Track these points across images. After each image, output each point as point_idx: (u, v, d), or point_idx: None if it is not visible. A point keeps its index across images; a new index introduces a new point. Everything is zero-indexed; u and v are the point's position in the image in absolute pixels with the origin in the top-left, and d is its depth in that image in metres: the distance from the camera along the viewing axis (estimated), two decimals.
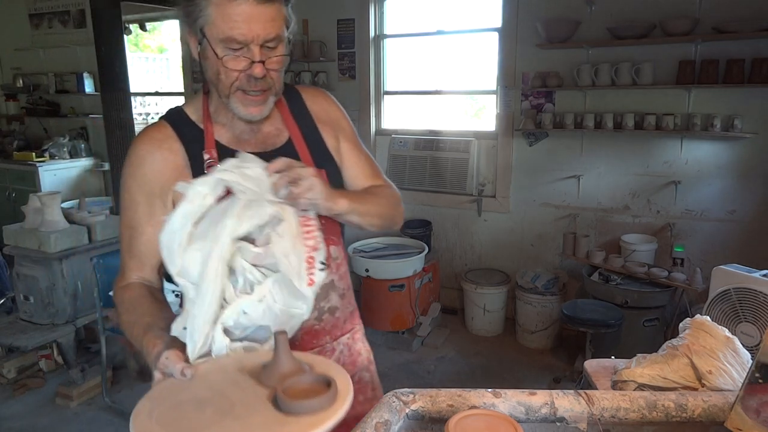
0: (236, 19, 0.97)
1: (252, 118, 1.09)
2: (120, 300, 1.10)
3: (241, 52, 1.00)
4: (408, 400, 0.95)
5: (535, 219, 3.90)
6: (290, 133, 1.18)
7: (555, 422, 0.96)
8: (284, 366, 0.83)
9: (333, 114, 1.28)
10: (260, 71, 1.01)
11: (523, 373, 3.35)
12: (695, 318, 1.34)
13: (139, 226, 1.10)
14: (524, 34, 3.65)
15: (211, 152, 1.10)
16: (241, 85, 1.04)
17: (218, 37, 0.99)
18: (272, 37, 1.01)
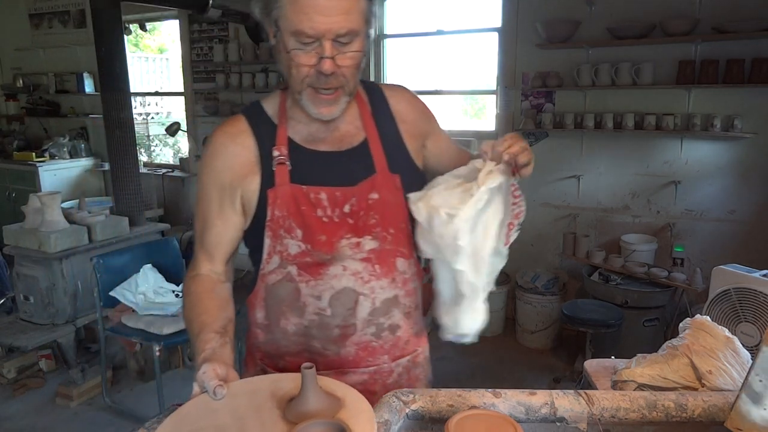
0: (307, 11, 0.93)
1: (322, 117, 1.05)
2: (186, 291, 1.11)
3: (311, 47, 0.96)
4: (408, 400, 0.95)
5: (535, 219, 3.90)
6: (367, 134, 1.12)
7: (555, 422, 0.96)
8: (309, 404, 0.80)
9: (417, 109, 1.21)
10: (329, 67, 0.96)
11: (523, 373, 3.35)
12: (695, 318, 1.34)
13: (210, 219, 1.11)
14: (524, 34, 3.65)
15: (281, 149, 1.07)
16: (311, 82, 0.99)
17: (289, 29, 0.95)
18: (345, 32, 0.95)
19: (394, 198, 1.09)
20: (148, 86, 7.28)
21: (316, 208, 1.06)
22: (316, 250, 1.05)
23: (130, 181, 3.53)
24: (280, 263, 1.08)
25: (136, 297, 2.83)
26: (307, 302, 1.08)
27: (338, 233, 1.06)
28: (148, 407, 2.90)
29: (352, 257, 1.07)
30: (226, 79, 4.71)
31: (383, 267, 1.09)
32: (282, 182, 1.05)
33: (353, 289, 1.07)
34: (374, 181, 1.08)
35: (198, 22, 4.80)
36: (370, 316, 1.09)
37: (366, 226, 1.07)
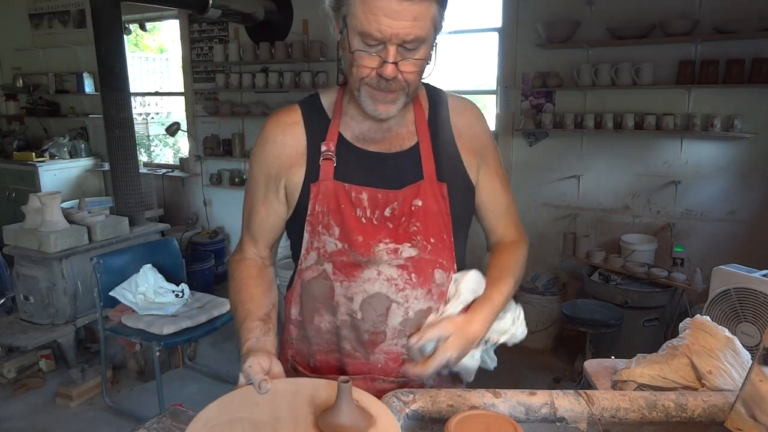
0: (376, 13, 0.90)
1: (379, 115, 1.02)
2: (231, 275, 1.15)
3: (376, 49, 0.94)
4: (408, 400, 0.95)
5: (535, 219, 3.90)
6: (419, 138, 1.10)
7: (555, 422, 0.96)
8: (341, 417, 0.81)
9: (480, 134, 1.17)
10: (391, 72, 0.95)
11: (523, 373, 3.35)
12: (695, 318, 1.34)
13: (256, 204, 1.13)
14: (524, 34, 3.65)
15: (329, 145, 1.07)
16: (370, 82, 0.98)
17: (357, 29, 0.93)
18: (412, 38, 0.92)
19: (438, 207, 1.06)
20: (148, 86, 7.28)
21: (355, 208, 1.05)
22: (352, 250, 1.04)
23: (130, 181, 3.53)
24: (317, 260, 1.08)
25: (136, 297, 2.83)
26: (339, 302, 1.07)
27: (376, 236, 1.05)
28: (148, 407, 2.90)
29: (388, 263, 1.04)
30: (226, 79, 4.71)
31: (420, 276, 1.06)
32: (325, 177, 1.05)
33: (386, 295, 1.05)
34: (420, 187, 1.06)
35: (198, 22, 4.80)
36: (402, 326, 1.06)
37: (406, 233, 1.05)
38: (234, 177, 4.80)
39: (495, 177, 1.17)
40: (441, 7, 0.95)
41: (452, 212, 1.08)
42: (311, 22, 4.34)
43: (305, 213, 1.07)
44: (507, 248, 1.18)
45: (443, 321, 1.01)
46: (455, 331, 0.99)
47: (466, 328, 1.00)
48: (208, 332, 2.87)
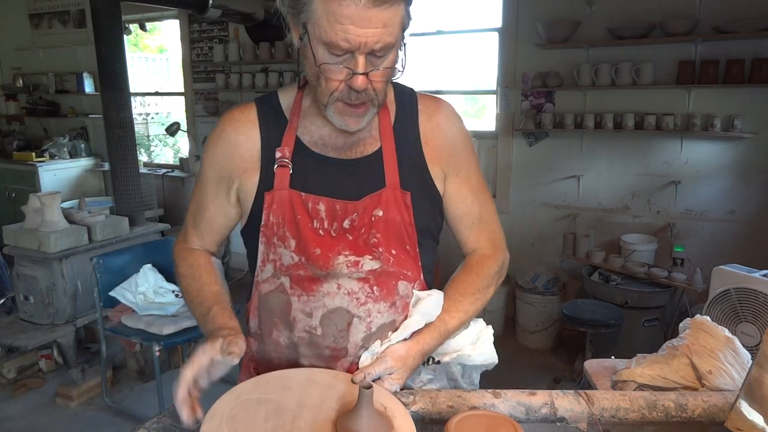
0: (343, 21, 0.83)
1: (348, 129, 0.96)
2: (183, 259, 1.12)
3: (343, 59, 0.87)
4: (408, 402, 0.95)
5: (535, 219, 3.90)
6: (383, 144, 1.03)
7: (555, 422, 0.96)
8: (359, 423, 0.80)
9: (451, 139, 1.08)
10: (361, 84, 0.88)
11: (523, 373, 3.35)
12: (695, 318, 1.34)
13: (205, 202, 1.10)
14: (524, 34, 3.65)
15: (284, 151, 1.01)
16: (340, 96, 0.91)
17: (321, 38, 0.86)
18: (380, 47, 0.86)
19: (400, 217, 1.00)
20: (148, 86, 7.28)
21: (312, 219, 0.99)
22: (310, 263, 0.99)
23: (130, 181, 3.53)
24: (273, 272, 1.02)
25: (136, 297, 2.83)
26: (297, 317, 1.01)
27: (335, 248, 0.99)
28: (147, 407, 2.90)
29: (348, 276, 0.99)
30: (226, 79, 4.71)
31: (383, 290, 1.00)
32: (280, 186, 0.99)
33: (347, 309, 1.00)
34: (381, 196, 1.00)
35: (198, 22, 4.80)
36: (364, 342, 1.01)
37: (367, 244, 0.99)
38: None
39: (465, 186, 1.09)
40: (407, 5, 0.89)
41: (417, 222, 1.02)
42: None
43: (259, 222, 1.01)
44: (475, 265, 1.10)
45: (386, 355, 0.95)
46: (398, 367, 0.95)
47: (407, 362, 0.96)
48: None
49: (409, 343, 0.98)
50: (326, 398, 0.87)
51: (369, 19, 0.83)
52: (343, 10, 0.82)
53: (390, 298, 1.01)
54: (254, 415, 0.82)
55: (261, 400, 0.85)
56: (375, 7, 0.82)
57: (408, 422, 0.84)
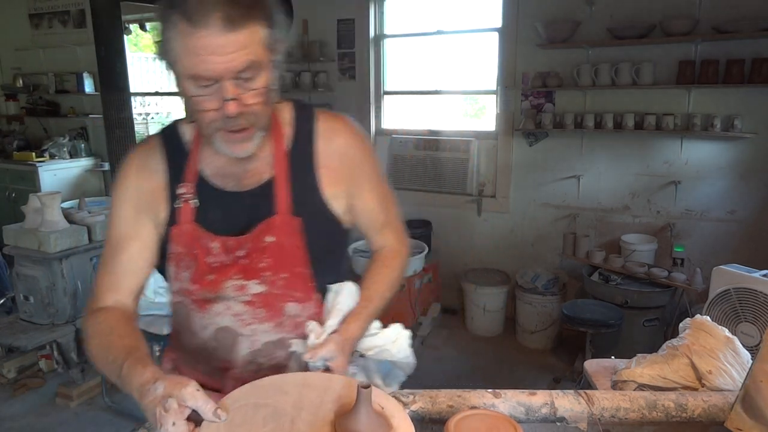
0: (200, 52, 0.85)
1: (238, 155, 0.99)
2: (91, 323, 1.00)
3: (212, 90, 0.88)
4: (408, 401, 0.95)
5: (535, 219, 3.90)
6: (276, 172, 1.04)
7: (555, 422, 0.96)
8: (359, 423, 0.81)
9: (351, 158, 1.10)
10: (233, 110, 0.89)
11: (523, 373, 3.35)
12: (695, 318, 1.34)
13: (123, 241, 1.05)
14: (524, 34, 3.65)
15: (187, 186, 1.03)
16: (219, 126, 0.93)
17: (185, 73, 0.88)
18: (244, 68, 0.87)
19: (290, 241, 1.03)
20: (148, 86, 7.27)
21: (207, 255, 1.04)
22: (202, 289, 1.05)
23: None
24: (178, 289, 1.09)
25: None
26: (196, 330, 1.08)
27: (227, 274, 1.03)
28: None
29: (235, 299, 1.04)
30: None
31: (269, 311, 1.05)
32: (185, 221, 1.03)
33: (233, 329, 1.06)
34: (271, 223, 1.03)
35: None
36: (251, 357, 1.07)
37: (255, 269, 1.03)
38: None
39: (370, 198, 1.14)
40: (271, 28, 0.90)
41: (310, 246, 1.04)
42: (311, 22, 4.34)
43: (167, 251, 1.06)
44: (386, 259, 1.18)
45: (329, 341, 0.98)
46: (339, 353, 0.97)
47: (344, 349, 0.99)
48: None
49: (340, 332, 1.02)
50: (323, 400, 0.87)
51: (224, 46, 0.84)
52: (197, 42, 0.84)
53: (276, 319, 1.06)
54: (252, 419, 0.82)
55: (258, 404, 0.85)
56: (227, 33, 0.84)
57: (406, 421, 0.84)
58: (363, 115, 4.32)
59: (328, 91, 4.35)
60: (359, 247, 3.88)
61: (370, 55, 4.23)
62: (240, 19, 0.85)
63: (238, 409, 0.84)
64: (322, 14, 4.27)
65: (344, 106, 4.37)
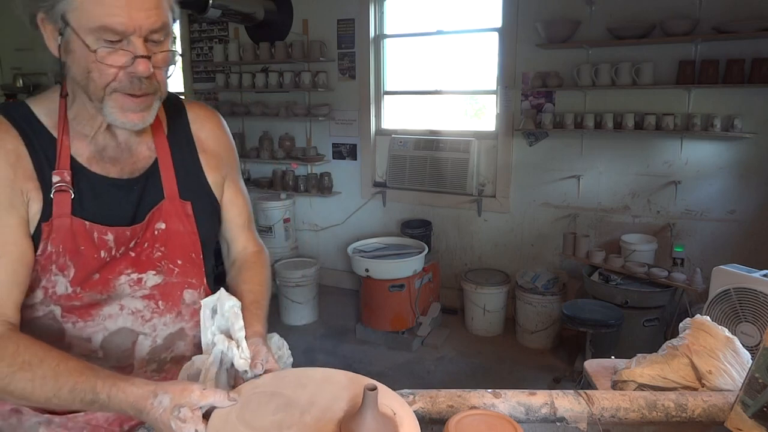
0: (113, 3, 0.78)
1: (132, 126, 0.88)
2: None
3: (119, 45, 0.81)
4: (408, 401, 0.95)
5: (535, 219, 3.90)
6: (159, 155, 0.99)
7: (555, 422, 0.96)
8: (363, 424, 0.81)
9: (222, 144, 1.09)
10: (145, 68, 0.82)
11: (523, 373, 3.35)
12: (695, 318, 1.34)
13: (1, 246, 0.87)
14: (524, 34, 3.65)
15: (63, 174, 0.90)
16: (120, 86, 0.84)
17: (88, 25, 0.79)
18: (158, 27, 0.82)
19: (183, 227, 0.99)
20: None
21: (99, 250, 0.92)
22: (87, 292, 0.92)
23: None
24: (42, 299, 0.92)
25: None
26: (73, 343, 0.94)
27: (116, 269, 0.93)
28: None
29: (131, 295, 0.96)
30: (226, 79, 4.71)
31: (168, 302, 0.99)
32: (61, 213, 0.89)
33: (131, 329, 0.97)
34: (161, 209, 0.97)
35: (198, 22, 4.80)
36: (150, 355, 0.99)
37: (150, 259, 0.96)
38: None
39: (238, 190, 1.12)
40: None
41: (200, 231, 1.01)
42: (311, 22, 4.34)
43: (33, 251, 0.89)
44: (256, 262, 1.14)
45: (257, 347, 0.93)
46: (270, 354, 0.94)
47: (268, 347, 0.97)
48: None
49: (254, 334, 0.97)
50: (338, 398, 0.88)
51: (142, 2, 0.80)
52: None
53: (176, 308, 1.01)
54: (265, 406, 0.84)
55: (275, 394, 0.87)
56: None
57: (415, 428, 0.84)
58: (363, 114, 4.33)
59: (328, 91, 4.35)
60: (359, 247, 3.88)
61: (370, 55, 4.23)
62: None
63: (255, 395, 0.86)
64: (322, 14, 4.27)
65: (344, 106, 4.37)
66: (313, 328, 4.00)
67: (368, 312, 3.73)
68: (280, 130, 4.64)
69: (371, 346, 3.70)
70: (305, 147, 4.54)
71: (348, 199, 4.50)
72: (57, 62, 0.86)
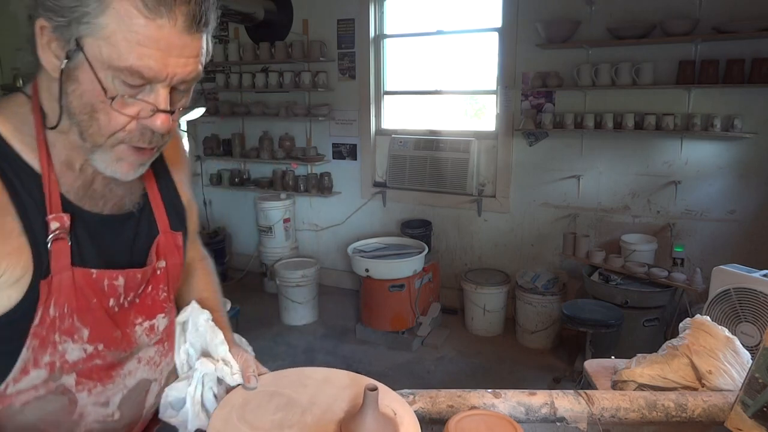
0: (149, 45, 0.65)
1: (122, 177, 0.76)
2: None
3: (140, 92, 0.69)
4: (408, 401, 0.95)
5: (535, 219, 3.90)
6: (147, 189, 0.87)
7: (555, 422, 0.96)
8: (364, 424, 0.81)
9: (179, 151, 0.98)
10: (165, 125, 0.71)
11: (523, 373, 3.35)
12: (695, 318, 1.34)
13: None
14: (524, 34, 3.65)
15: (62, 219, 0.74)
16: (128, 138, 0.72)
17: (111, 62, 0.66)
18: (192, 78, 0.72)
19: (176, 260, 0.91)
20: None
21: (109, 298, 0.79)
22: (111, 350, 0.81)
23: None
24: (47, 377, 0.76)
25: None
26: (85, 413, 0.82)
27: (129, 320, 0.83)
28: None
29: (148, 345, 0.88)
30: (226, 79, 4.71)
31: (171, 340, 0.93)
32: (61, 267, 0.73)
33: (147, 379, 0.89)
34: (159, 245, 0.87)
35: None
36: (156, 398, 0.93)
37: (156, 302, 0.87)
38: (234, 177, 4.80)
39: (192, 196, 1.02)
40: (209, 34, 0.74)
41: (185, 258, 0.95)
42: (311, 22, 4.34)
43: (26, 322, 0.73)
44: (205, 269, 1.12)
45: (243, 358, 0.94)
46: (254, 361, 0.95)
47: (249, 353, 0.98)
48: None
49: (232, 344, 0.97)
50: (338, 398, 0.88)
51: (183, 47, 0.68)
52: (152, 32, 0.65)
53: (172, 344, 0.94)
54: (265, 406, 0.85)
55: (276, 393, 0.88)
56: (191, 33, 0.68)
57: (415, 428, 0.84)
58: (363, 114, 4.33)
59: (328, 91, 4.35)
60: (359, 247, 3.88)
61: (370, 55, 4.23)
62: (203, 19, 0.69)
63: (256, 394, 0.87)
64: (322, 14, 4.28)
65: (344, 106, 4.37)
66: (313, 328, 4.00)
67: (368, 312, 3.73)
68: (280, 130, 4.64)
69: (371, 346, 3.70)
70: (305, 147, 4.54)
71: (348, 199, 4.50)
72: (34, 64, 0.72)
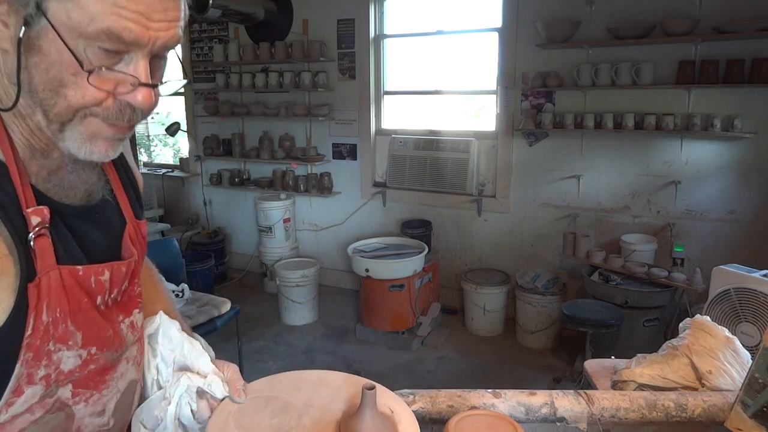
0: (127, 6, 0.57)
1: (98, 158, 0.67)
2: None
3: (118, 61, 0.61)
4: (408, 401, 0.95)
5: (535, 219, 3.90)
6: (108, 174, 0.80)
7: (555, 422, 0.96)
8: (363, 425, 0.80)
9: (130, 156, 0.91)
10: (148, 101, 0.63)
11: (523, 373, 3.35)
12: (695, 318, 1.34)
13: None
14: (524, 34, 3.65)
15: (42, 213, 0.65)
16: (103, 113, 0.63)
17: (81, 26, 0.57)
18: (173, 44, 0.64)
19: (143, 250, 0.85)
20: None
21: (96, 296, 0.72)
22: (105, 352, 0.73)
23: None
24: (43, 393, 0.66)
25: None
26: (83, 426, 0.74)
27: (113, 319, 0.75)
28: None
29: (132, 343, 0.81)
30: (226, 79, 4.71)
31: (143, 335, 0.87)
32: (47, 266, 0.65)
33: (134, 379, 0.82)
34: (128, 235, 0.80)
35: (198, 22, 4.80)
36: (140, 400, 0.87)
37: (132, 297, 0.80)
38: (234, 177, 4.80)
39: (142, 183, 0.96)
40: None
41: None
42: (311, 22, 4.34)
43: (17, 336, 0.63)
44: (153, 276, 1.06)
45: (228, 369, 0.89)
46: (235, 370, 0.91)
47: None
48: (208, 332, 2.87)
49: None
50: (334, 399, 0.88)
51: (166, 10, 0.60)
52: None
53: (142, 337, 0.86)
54: (261, 412, 0.85)
55: (270, 398, 0.87)
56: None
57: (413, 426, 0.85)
58: (363, 114, 4.33)
59: (328, 91, 4.35)
60: (359, 247, 3.88)
61: (370, 55, 4.23)
62: None
63: (251, 400, 0.86)
64: (322, 14, 4.28)
65: (344, 106, 4.37)
66: (313, 328, 4.00)
67: (368, 312, 3.73)
68: (280, 130, 4.64)
69: (371, 346, 3.70)
70: (305, 147, 4.54)
71: (348, 199, 4.50)
72: None
